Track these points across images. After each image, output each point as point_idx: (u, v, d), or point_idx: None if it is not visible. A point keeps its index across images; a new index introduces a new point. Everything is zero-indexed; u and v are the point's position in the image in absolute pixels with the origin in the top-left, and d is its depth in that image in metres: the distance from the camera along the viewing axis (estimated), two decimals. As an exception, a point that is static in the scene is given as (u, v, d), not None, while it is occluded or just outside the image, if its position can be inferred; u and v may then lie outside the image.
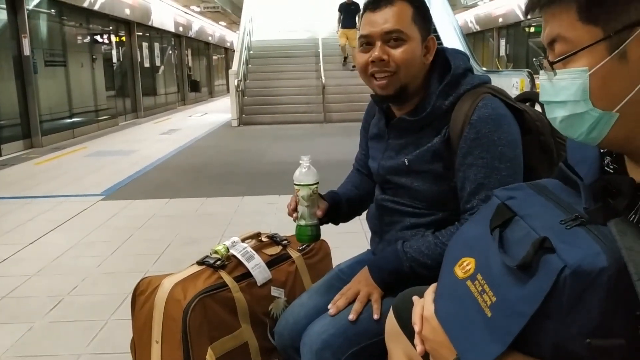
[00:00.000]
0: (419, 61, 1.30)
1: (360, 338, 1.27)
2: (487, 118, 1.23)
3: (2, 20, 8.72)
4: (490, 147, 1.22)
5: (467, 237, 0.89)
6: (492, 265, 0.78)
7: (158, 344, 1.56)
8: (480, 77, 1.33)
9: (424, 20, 1.31)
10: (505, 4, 18.79)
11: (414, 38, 1.28)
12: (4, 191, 5.60)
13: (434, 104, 1.29)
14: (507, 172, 1.22)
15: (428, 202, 1.33)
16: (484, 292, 0.77)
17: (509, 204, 0.83)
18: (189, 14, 20.41)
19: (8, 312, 2.68)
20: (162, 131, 11.08)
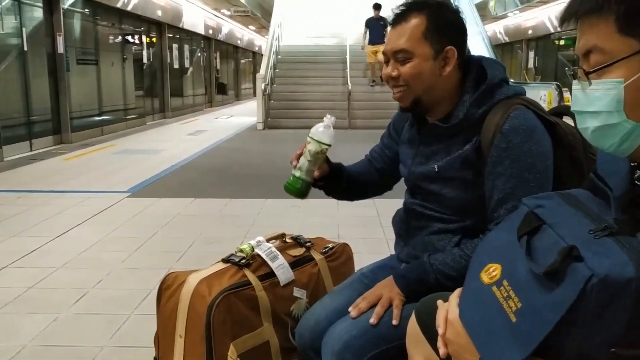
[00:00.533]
0: (429, 75, 1.31)
1: (381, 341, 1.28)
2: (519, 128, 1.23)
3: (38, 19, 8.94)
4: (520, 158, 1.23)
5: (494, 244, 0.89)
6: (519, 272, 0.78)
7: (182, 338, 1.59)
8: (516, 89, 1.33)
9: (438, 33, 1.31)
10: (535, 15, 18.61)
11: (422, 54, 1.30)
12: (34, 185, 5.73)
13: (467, 111, 1.30)
14: (535, 183, 1.22)
15: (456, 208, 1.34)
16: (510, 298, 0.77)
17: (538, 212, 0.84)
18: (219, 17, 20.64)
19: (35, 302, 2.75)
20: (189, 132, 11.21)
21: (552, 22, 17.26)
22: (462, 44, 1.34)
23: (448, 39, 1.31)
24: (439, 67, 1.31)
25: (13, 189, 5.48)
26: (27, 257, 3.41)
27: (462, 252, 1.27)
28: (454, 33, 1.33)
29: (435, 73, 1.31)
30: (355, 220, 4.27)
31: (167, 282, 1.67)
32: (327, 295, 1.57)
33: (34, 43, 8.63)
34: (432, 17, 1.31)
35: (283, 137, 10.17)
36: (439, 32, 1.31)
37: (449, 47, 1.31)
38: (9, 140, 7.72)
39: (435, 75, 1.32)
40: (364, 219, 4.26)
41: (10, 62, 8.17)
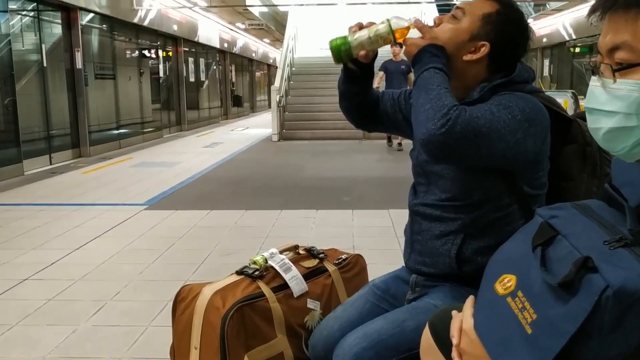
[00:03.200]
0: (454, 46, 1.30)
1: (392, 352, 1.28)
2: (515, 94, 1.26)
3: (57, 35, 9.12)
4: (502, 102, 1.23)
5: (509, 254, 0.89)
6: (533, 282, 0.78)
7: (197, 350, 1.61)
8: (536, 88, 1.35)
9: (494, 25, 1.30)
10: (550, 23, 18.52)
11: (466, 26, 1.30)
12: (54, 198, 5.83)
13: (481, 95, 1.29)
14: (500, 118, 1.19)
15: (456, 192, 1.33)
16: (525, 309, 0.77)
17: (552, 222, 0.84)
18: (234, 30, 20.86)
19: (54, 314, 2.79)
20: (205, 144, 11.31)
21: (567, 29, 17.16)
22: (504, 52, 1.32)
23: (495, 37, 1.30)
24: (466, 49, 1.31)
25: (33, 202, 5.57)
26: (47, 269, 3.47)
27: (440, 90, 1.22)
28: (505, 37, 1.31)
29: (459, 50, 1.30)
30: (370, 231, 4.27)
31: (182, 294, 1.70)
32: (340, 307, 1.59)
33: (53, 59, 8.81)
34: (501, 10, 1.31)
35: (298, 149, 10.22)
36: (495, 25, 1.30)
37: (486, 41, 1.30)
38: (30, 154, 7.86)
39: (458, 51, 1.30)
40: (378, 230, 4.26)
41: (30, 78, 8.34)
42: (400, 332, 1.30)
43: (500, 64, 1.33)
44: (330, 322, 1.53)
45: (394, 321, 1.33)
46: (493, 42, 1.30)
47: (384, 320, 1.34)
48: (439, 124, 1.16)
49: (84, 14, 9.63)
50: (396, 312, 1.37)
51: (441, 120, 1.16)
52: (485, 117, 1.19)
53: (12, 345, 2.46)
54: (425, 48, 1.28)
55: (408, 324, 1.31)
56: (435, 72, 1.24)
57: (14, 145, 7.43)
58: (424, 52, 1.28)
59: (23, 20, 8.29)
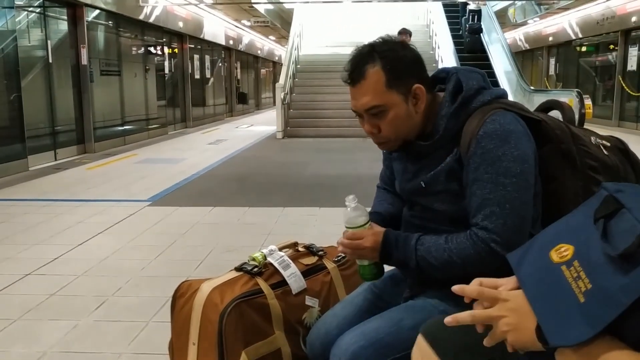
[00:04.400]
0: (407, 118, 1.33)
1: (389, 351, 1.28)
2: (493, 133, 1.24)
3: (62, 31, 9.15)
4: (495, 162, 1.23)
5: (569, 224, 0.89)
6: (592, 253, 0.78)
7: (195, 346, 1.62)
8: (493, 92, 1.34)
9: (400, 77, 1.31)
10: (556, 22, 18.44)
11: (394, 103, 1.31)
12: (57, 194, 5.85)
13: (445, 126, 1.31)
14: (512, 187, 1.22)
15: (450, 220, 1.34)
16: (579, 279, 0.77)
17: (618, 196, 0.83)
18: (240, 27, 20.86)
19: (56, 309, 2.80)
20: (209, 141, 11.33)
21: (573, 28, 17.08)
22: (423, 73, 1.35)
23: (410, 77, 1.32)
24: (412, 106, 1.33)
25: (37, 198, 5.60)
26: (50, 264, 3.49)
27: (447, 244, 1.27)
28: (412, 68, 1.34)
29: (411, 114, 1.33)
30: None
31: (180, 290, 1.71)
32: (338, 304, 1.59)
33: (58, 55, 8.84)
34: (387, 63, 1.30)
35: (302, 146, 10.23)
36: (400, 76, 1.31)
37: (415, 85, 1.32)
38: (34, 150, 7.89)
39: (412, 116, 1.34)
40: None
41: (36, 74, 8.37)
42: (397, 330, 1.30)
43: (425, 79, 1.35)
44: (328, 319, 1.53)
45: (391, 320, 1.33)
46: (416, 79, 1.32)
47: (381, 319, 1.34)
48: (487, 258, 1.22)
49: (90, 10, 9.65)
50: (393, 311, 1.37)
51: (485, 255, 1.23)
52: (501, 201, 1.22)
53: (14, 339, 2.47)
54: (380, 253, 1.35)
55: (405, 323, 1.31)
56: (419, 257, 1.30)
57: (19, 141, 7.46)
58: (384, 257, 1.35)
59: (29, 16, 8.31)
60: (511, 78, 13.14)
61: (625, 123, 13.83)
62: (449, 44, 13.69)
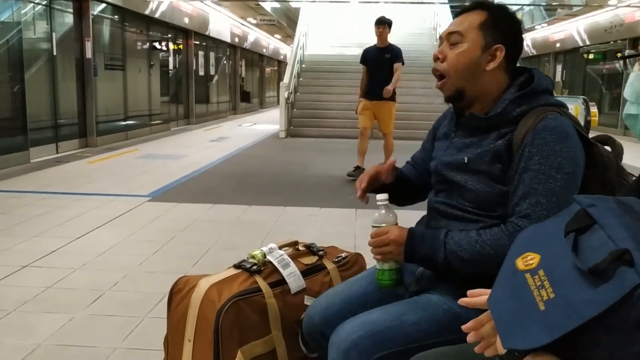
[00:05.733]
0: (473, 65, 1.35)
1: (389, 343, 1.27)
2: (553, 129, 1.26)
3: (68, 24, 9.14)
4: (550, 156, 1.24)
5: (537, 235, 0.88)
6: (559, 265, 0.77)
7: (190, 343, 1.59)
8: (558, 101, 1.36)
9: (494, 29, 1.35)
10: (564, 29, 18.40)
11: (472, 42, 1.35)
12: (58, 187, 5.83)
13: (505, 107, 1.32)
14: (562, 183, 1.22)
15: (478, 203, 1.33)
16: (542, 288, 0.76)
17: (590, 211, 0.82)
18: (245, 25, 20.85)
19: (52, 302, 2.78)
20: (212, 138, 11.31)
21: (581, 35, 17.04)
22: (514, 49, 1.38)
23: (501, 38, 1.35)
24: (485, 60, 1.35)
25: (38, 190, 5.58)
26: (47, 257, 3.46)
27: (479, 237, 1.26)
28: (508, 35, 1.37)
29: (479, 65, 1.35)
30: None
31: (178, 285, 1.68)
32: (342, 284, 1.58)
33: (63, 48, 8.83)
34: (493, 14, 1.37)
35: (305, 146, 10.21)
36: (495, 28, 1.36)
37: (499, 44, 1.34)
38: (36, 143, 7.88)
39: (479, 67, 1.35)
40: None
41: (40, 67, 8.35)
42: (399, 324, 1.28)
43: (514, 64, 1.39)
44: (330, 295, 1.54)
45: (394, 313, 1.31)
46: (503, 42, 1.36)
47: (384, 311, 1.33)
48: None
49: (96, 4, 9.64)
50: (396, 305, 1.36)
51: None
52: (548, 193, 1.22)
53: (8, 331, 2.45)
54: (405, 247, 1.31)
55: (407, 318, 1.30)
56: (448, 251, 1.27)
57: (21, 133, 7.45)
58: (409, 251, 1.31)
59: (35, 8, 8.30)
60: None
61: (630, 132, 13.79)
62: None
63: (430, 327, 1.27)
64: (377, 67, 6.55)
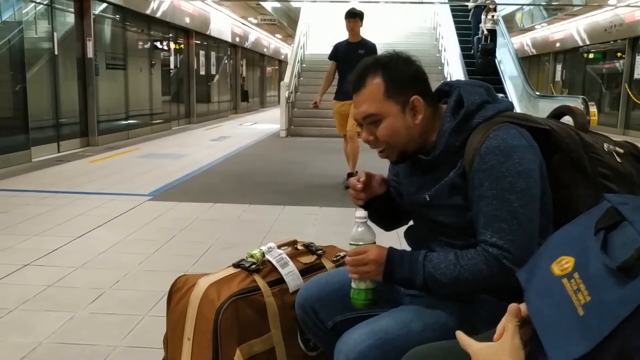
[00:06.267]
0: (404, 128, 1.34)
1: (397, 352, 1.25)
2: (495, 149, 1.24)
3: (69, 24, 9.15)
4: (499, 179, 1.23)
5: (569, 236, 0.88)
6: (591, 265, 0.78)
7: (189, 341, 1.61)
8: (496, 107, 1.33)
9: (400, 88, 1.33)
10: (564, 28, 18.40)
11: (390, 113, 1.33)
12: (59, 186, 5.85)
13: (446, 142, 1.31)
14: (518, 203, 1.22)
15: (457, 232, 1.34)
16: (579, 291, 0.77)
17: (620, 209, 0.82)
18: (246, 25, 20.86)
19: (53, 300, 2.80)
20: (213, 138, 11.33)
21: (581, 35, 17.04)
22: (424, 87, 1.37)
23: (410, 90, 1.33)
24: (410, 117, 1.34)
25: (39, 189, 5.60)
26: (48, 255, 3.48)
27: (457, 261, 1.26)
28: (413, 81, 1.35)
29: (409, 125, 1.34)
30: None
31: (177, 284, 1.70)
32: (343, 267, 1.57)
33: (64, 47, 8.84)
34: (388, 74, 1.33)
35: (305, 145, 10.22)
36: (399, 87, 1.33)
37: (414, 96, 1.33)
38: (38, 142, 7.89)
39: (410, 127, 1.34)
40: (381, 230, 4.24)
41: (42, 66, 8.37)
42: (406, 332, 1.29)
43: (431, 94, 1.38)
44: (330, 274, 1.58)
45: (402, 321, 1.31)
46: (415, 91, 1.33)
47: (391, 318, 1.33)
48: (499, 274, 1.21)
49: (97, 3, 9.66)
50: (403, 311, 1.36)
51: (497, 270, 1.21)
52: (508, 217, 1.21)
53: (9, 329, 2.47)
54: (384, 267, 1.31)
55: (415, 325, 1.30)
56: (426, 274, 1.27)
57: (22, 132, 7.47)
58: (388, 272, 1.31)
59: (37, 8, 8.31)
60: (517, 83, 13.12)
61: (630, 131, 13.78)
62: (455, 47, 13.65)
63: (436, 335, 1.27)
64: (349, 64, 5.65)
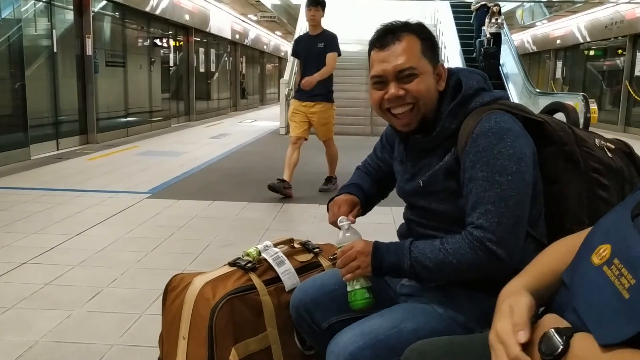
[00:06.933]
0: (434, 90, 1.34)
1: (389, 353, 1.26)
2: (488, 131, 1.24)
3: (68, 21, 9.13)
4: (490, 161, 1.23)
5: (605, 226, 0.89)
6: (632, 249, 0.78)
7: (185, 340, 1.60)
8: (493, 94, 1.34)
9: (432, 50, 1.36)
10: (564, 25, 18.36)
11: (426, 71, 1.33)
12: (58, 183, 5.84)
13: (443, 123, 1.32)
14: (507, 185, 1.21)
15: (449, 220, 1.33)
16: (622, 276, 0.77)
17: None
18: (246, 22, 20.83)
19: (50, 298, 2.79)
20: (212, 135, 11.32)
21: (582, 31, 17.00)
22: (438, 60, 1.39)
23: (437, 56, 1.37)
24: (435, 82, 1.35)
25: (37, 187, 5.59)
26: (46, 254, 3.47)
27: (442, 245, 1.26)
28: (437, 51, 1.39)
29: (434, 89, 1.35)
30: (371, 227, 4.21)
31: (173, 283, 1.69)
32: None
33: (63, 45, 8.83)
34: (422, 36, 1.35)
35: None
36: (431, 50, 1.35)
37: (439, 63, 1.36)
38: (37, 139, 7.88)
39: (434, 91, 1.35)
40: (380, 227, 4.23)
41: (41, 63, 8.36)
42: (398, 333, 1.28)
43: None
44: (326, 275, 1.58)
45: (393, 321, 1.31)
46: (438, 58, 1.37)
47: (382, 319, 1.32)
48: (483, 257, 1.20)
49: (96, 0, 9.63)
50: (395, 310, 1.35)
51: (481, 253, 1.21)
52: (496, 199, 1.21)
53: (6, 328, 2.46)
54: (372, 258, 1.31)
55: (406, 325, 1.29)
56: (413, 259, 1.27)
57: (21, 130, 7.46)
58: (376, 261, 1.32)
59: (36, 5, 8.29)
60: (517, 80, 13.09)
61: (631, 128, 13.77)
62: (455, 44, 13.64)
63: (428, 334, 1.26)
64: (309, 60, 5.27)
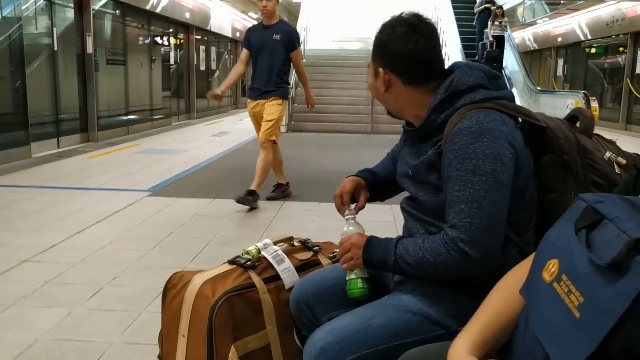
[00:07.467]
0: (374, 90, 1.43)
1: (357, 347, 1.28)
2: (466, 130, 1.23)
3: (69, 19, 9.13)
4: (465, 160, 1.22)
5: (551, 240, 0.88)
6: (577, 264, 0.78)
7: (184, 338, 1.60)
8: (490, 93, 1.31)
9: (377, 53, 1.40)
10: (566, 23, 18.33)
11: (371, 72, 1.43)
12: (58, 182, 5.85)
13: (428, 116, 1.32)
14: (480, 186, 1.20)
15: (432, 213, 1.34)
16: (571, 293, 0.77)
17: (597, 207, 0.82)
18: (247, 20, 20.80)
19: (50, 296, 2.80)
20: (213, 133, 11.32)
21: (583, 29, 16.98)
22: (404, 66, 1.35)
23: (382, 61, 1.38)
24: (380, 85, 1.39)
25: (38, 185, 5.59)
26: (47, 252, 3.48)
27: (423, 243, 1.27)
28: (393, 56, 1.36)
29: (378, 89, 1.40)
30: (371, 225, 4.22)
31: (172, 281, 1.69)
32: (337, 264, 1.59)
33: (64, 43, 8.82)
34: (382, 38, 1.39)
35: (305, 141, 10.20)
36: (376, 53, 1.40)
37: (380, 68, 1.38)
38: (38, 138, 7.89)
39: (379, 91, 1.41)
40: (380, 225, 4.23)
41: (41, 62, 8.35)
42: (366, 328, 1.30)
43: (425, 74, 1.35)
44: (326, 271, 1.59)
45: (362, 317, 1.33)
46: (385, 64, 1.37)
47: (352, 316, 1.35)
48: (457, 257, 1.21)
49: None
50: (366, 308, 1.37)
51: (454, 254, 1.21)
52: (469, 199, 1.20)
53: (7, 325, 2.47)
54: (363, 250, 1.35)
55: (375, 321, 1.31)
56: (397, 255, 1.30)
57: (22, 128, 7.46)
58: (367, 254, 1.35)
59: (37, 3, 8.29)
60: (518, 78, 13.08)
61: (632, 126, 13.76)
62: (456, 42, 13.62)
63: (398, 329, 1.29)
64: (262, 53, 4.84)
